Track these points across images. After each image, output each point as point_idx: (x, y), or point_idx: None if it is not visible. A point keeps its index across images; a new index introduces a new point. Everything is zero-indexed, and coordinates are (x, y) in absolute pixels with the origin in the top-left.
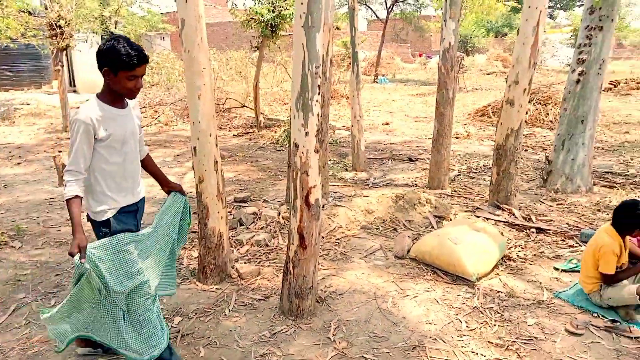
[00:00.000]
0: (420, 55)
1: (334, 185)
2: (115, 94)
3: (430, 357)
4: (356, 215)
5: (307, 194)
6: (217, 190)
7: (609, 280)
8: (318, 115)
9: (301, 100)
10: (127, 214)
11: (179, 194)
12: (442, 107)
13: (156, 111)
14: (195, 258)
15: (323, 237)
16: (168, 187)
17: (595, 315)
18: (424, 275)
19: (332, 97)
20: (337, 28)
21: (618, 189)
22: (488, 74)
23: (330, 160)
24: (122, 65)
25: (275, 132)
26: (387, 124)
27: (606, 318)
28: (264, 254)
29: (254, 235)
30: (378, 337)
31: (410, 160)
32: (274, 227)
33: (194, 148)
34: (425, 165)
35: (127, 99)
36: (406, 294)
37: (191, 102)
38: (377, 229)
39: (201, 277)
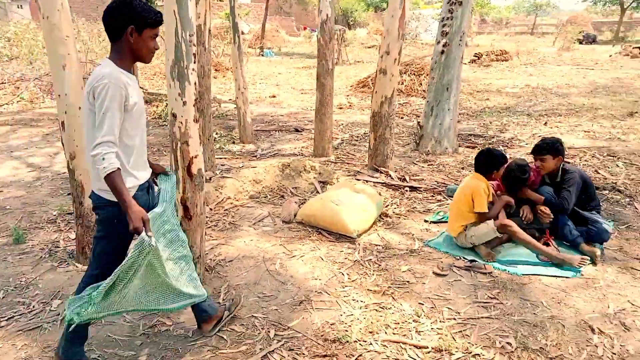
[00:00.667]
0: (305, 29)
1: (221, 158)
2: (133, 57)
3: (316, 308)
4: (244, 186)
5: (189, 164)
6: None
7: (483, 217)
8: (195, 84)
9: (176, 69)
10: (143, 191)
11: (164, 175)
12: (322, 78)
13: (18, 87)
14: (73, 240)
15: (211, 209)
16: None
17: (458, 258)
18: (310, 237)
19: (217, 70)
20: None
21: (479, 149)
22: (369, 47)
23: (217, 133)
24: (150, 23)
25: (157, 107)
26: (274, 96)
27: (467, 259)
28: None
29: None
30: (267, 296)
31: (297, 130)
32: None
33: (62, 123)
34: (310, 135)
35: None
36: (293, 254)
37: (55, 73)
38: (265, 197)
39: (81, 258)
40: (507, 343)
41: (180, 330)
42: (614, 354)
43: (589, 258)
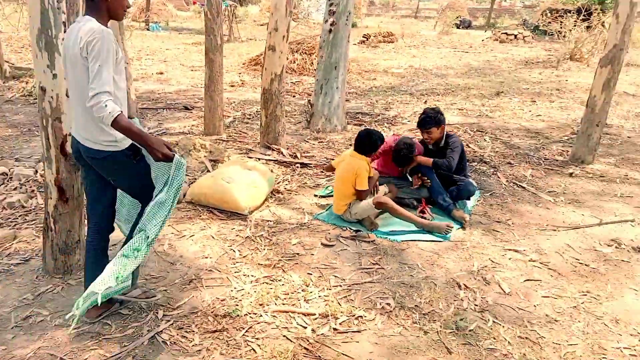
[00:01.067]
0: (195, 3)
1: None
2: (109, 15)
3: (207, 286)
4: None
5: (63, 142)
6: None
7: (364, 195)
8: None
9: (43, 39)
10: None
11: None
12: (211, 54)
13: None
14: None
15: None
16: None
17: (344, 228)
18: (200, 216)
19: None
20: None
21: (366, 126)
22: (261, 24)
23: None
24: None
25: (27, 82)
26: (162, 73)
27: (352, 229)
28: (20, 216)
29: (5, 198)
30: (155, 278)
31: (186, 108)
32: (31, 187)
33: None
34: (201, 114)
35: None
36: (183, 234)
37: None
38: None
39: None
40: (387, 304)
41: (58, 320)
42: (476, 305)
43: (454, 224)
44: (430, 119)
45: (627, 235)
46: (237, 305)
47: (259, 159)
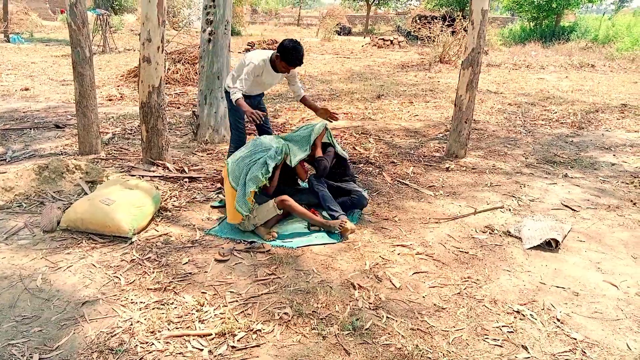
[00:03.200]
0: (63, 12)
1: None
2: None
3: (90, 319)
4: None
5: None
6: None
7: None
8: None
9: None
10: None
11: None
12: (79, 67)
13: None
14: None
15: None
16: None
17: (239, 241)
18: (79, 244)
19: None
20: None
21: (255, 135)
22: (139, 34)
23: None
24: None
25: None
26: (27, 89)
27: (247, 241)
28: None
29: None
30: (27, 318)
31: (58, 127)
32: None
33: None
34: (75, 132)
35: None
36: (59, 266)
37: None
38: (19, 206)
39: None
40: (285, 313)
41: None
42: (371, 303)
43: (346, 219)
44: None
45: (499, 221)
46: (124, 336)
47: (142, 177)
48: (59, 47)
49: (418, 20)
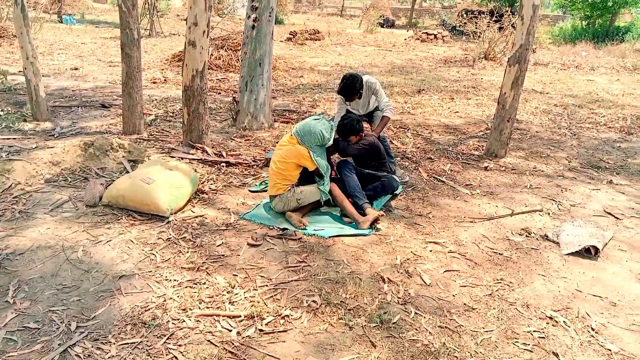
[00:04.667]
0: None
1: (8, 139)
2: None
3: (126, 293)
4: (38, 169)
5: None
6: None
7: (316, 173)
8: None
9: None
10: None
11: None
12: (127, 49)
13: None
14: None
15: None
16: None
17: (272, 227)
18: (119, 219)
19: (0, 37)
20: None
21: (293, 124)
22: (185, 19)
23: (2, 110)
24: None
25: None
26: (77, 68)
27: (279, 228)
28: None
29: None
30: (67, 287)
31: (104, 106)
32: None
33: None
34: (120, 112)
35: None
36: (99, 240)
37: None
38: (65, 180)
39: None
40: (313, 301)
41: None
42: (399, 298)
43: (371, 209)
44: (346, 130)
45: (536, 224)
46: (158, 311)
47: (182, 159)
48: (108, 29)
49: (464, 15)
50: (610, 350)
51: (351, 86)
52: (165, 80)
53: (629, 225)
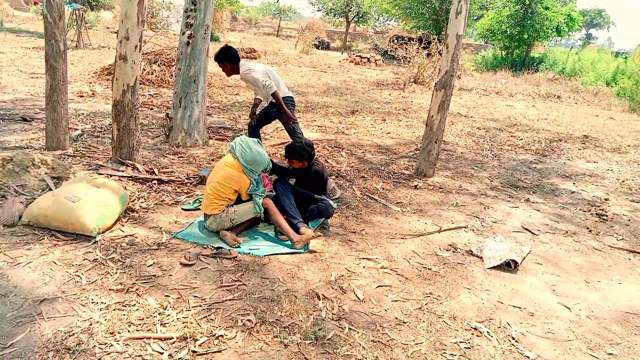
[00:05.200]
0: (36, 3)
1: None
2: None
3: (48, 317)
4: None
5: None
6: None
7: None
8: None
9: None
10: None
11: None
12: (53, 60)
13: None
14: None
15: None
16: None
17: (205, 246)
18: (40, 240)
19: None
20: None
21: (228, 141)
22: (115, 32)
23: None
24: None
25: None
26: None
27: (213, 247)
28: None
29: None
30: None
31: (25, 120)
32: None
33: None
34: (43, 126)
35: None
36: (18, 262)
37: None
38: None
39: None
40: (248, 320)
41: None
42: (334, 314)
43: (313, 235)
44: (291, 153)
45: (462, 240)
46: (83, 336)
47: (111, 176)
48: (30, 38)
49: (395, 40)
50: (528, 357)
51: (222, 52)
52: (93, 94)
53: (544, 240)
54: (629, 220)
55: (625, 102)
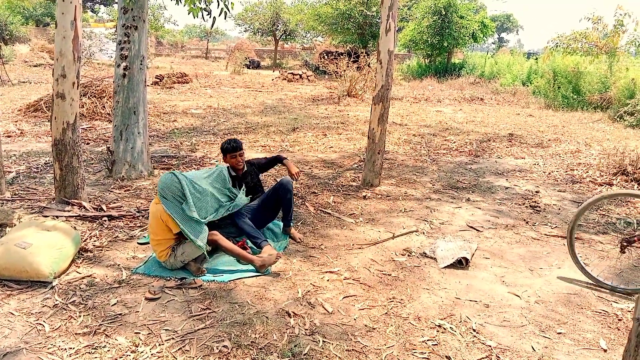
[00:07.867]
0: None
1: None
2: None
3: None
4: None
5: None
6: None
7: (182, 236)
8: None
9: None
10: None
11: None
12: None
13: None
14: None
15: None
16: None
17: (168, 278)
18: None
19: None
20: None
21: (173, 169)
22: (35, 65)
23: None
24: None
25: None
26: None
27: (177, 278)
28: None
29: None
30: None
31: None
32: None
33: None
34: None
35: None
36: None
37: None
38: None
39: None
40: (224, 346)
41: None
42: (307, 329)
43: (270, 246)
44: (239, 142)
45: (415, 244)
46: None
47: (57, 217)
48: None
49: (326, 56)
50: (490, 346)
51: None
52: (22, 132)
53: (488, 235)
54: (559, 209)
55: (541, 100)
